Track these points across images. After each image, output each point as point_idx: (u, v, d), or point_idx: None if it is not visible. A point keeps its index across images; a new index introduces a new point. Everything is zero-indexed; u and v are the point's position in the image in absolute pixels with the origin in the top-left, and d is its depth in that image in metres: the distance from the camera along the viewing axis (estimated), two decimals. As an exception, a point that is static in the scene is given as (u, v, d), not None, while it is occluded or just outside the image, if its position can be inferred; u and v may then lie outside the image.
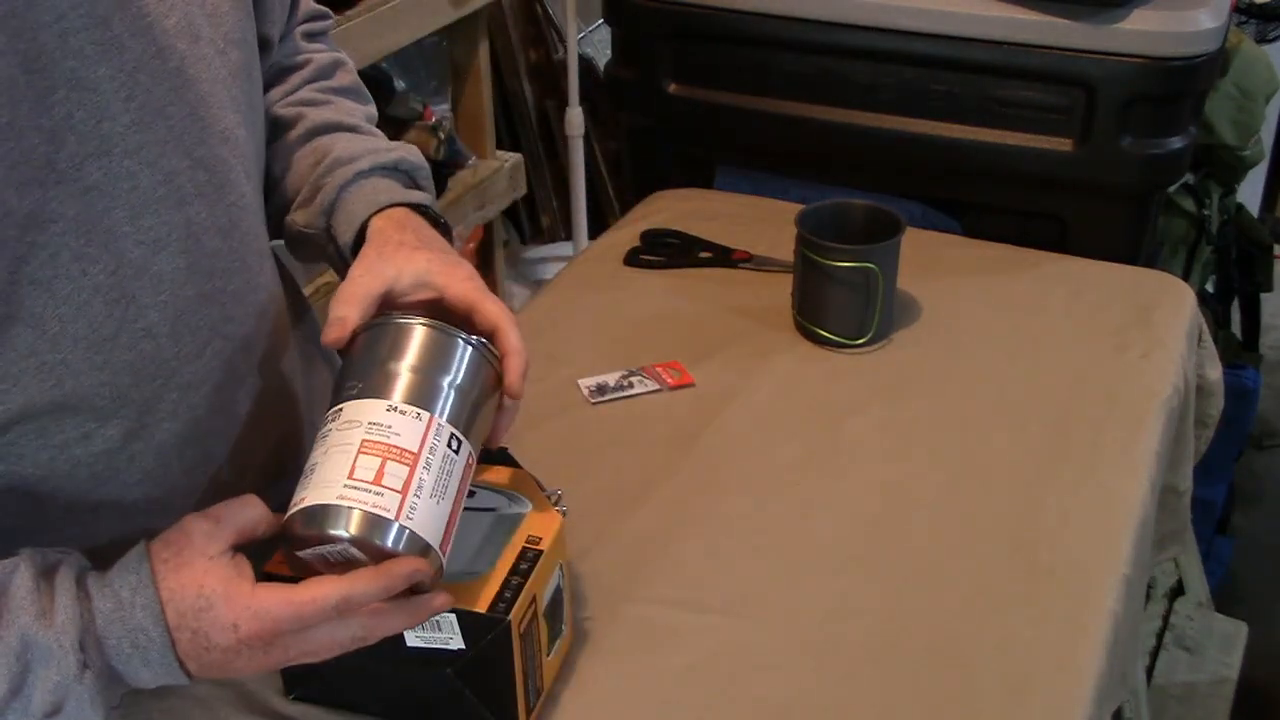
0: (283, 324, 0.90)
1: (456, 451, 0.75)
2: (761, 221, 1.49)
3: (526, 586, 0.81)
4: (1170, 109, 1.47)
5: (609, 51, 1.76)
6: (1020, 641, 0.93)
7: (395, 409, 0.73)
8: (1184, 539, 1.39)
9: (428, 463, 0.73)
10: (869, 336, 1.26)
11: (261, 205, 0.87)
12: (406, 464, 0.72)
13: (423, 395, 0.75)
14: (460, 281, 0.82)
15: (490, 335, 0.81)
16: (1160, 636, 1.83)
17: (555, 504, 0.88)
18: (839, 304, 1.26)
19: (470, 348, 0.78)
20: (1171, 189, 1.78)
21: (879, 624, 0.95)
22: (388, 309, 0.81)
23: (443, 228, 0.90)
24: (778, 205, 1.54)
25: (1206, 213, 1.89)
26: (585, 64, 2.46)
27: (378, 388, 0.74)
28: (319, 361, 1.00)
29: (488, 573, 0.81)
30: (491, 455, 0.90)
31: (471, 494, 0.91)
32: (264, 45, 0.90)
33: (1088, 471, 1.10)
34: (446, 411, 0.75)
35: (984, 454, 1.13)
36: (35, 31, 0.67)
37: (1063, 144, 1.48)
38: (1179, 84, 1.45)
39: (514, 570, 0.82)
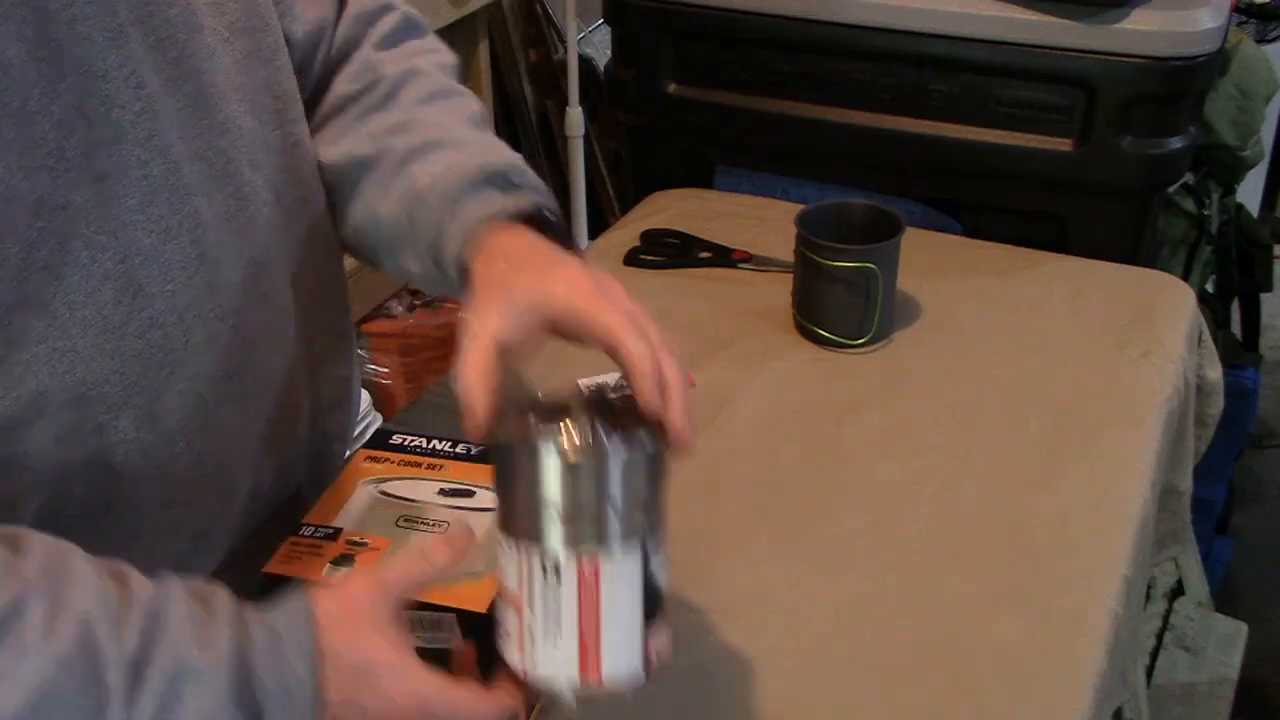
0: (290, 317, 0.89)
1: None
2: (761, 221, 1.49)
3: None
4: (1170, 109, 1.47)
5: (609, 51, 1.76)
6: (1020, 641, 0.93)
7: (603, 570, 0.69)
8: (1184, 539, 1.39)
9: (622, 612, 0.70)
10: (869, 336, 1.26)
11: (277, 197, 0.85)
12: (618, 629, 0.70)
13: (626, 537, 0.69)
14: (561, 296, 0.74)
15: (610, 352, 0.73)
16: (1160, 636, 1.82)
17: None
18: (839, 304, 1.26)
19: (652, 458, 0.71)
20: (1171, 189, 1.78)
21: (879, 624, 0.95)
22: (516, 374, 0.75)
23: (553, 225, 0.82)
24: (778, 205, 1.54)
25: (1206, 213, 1.89)
26: (585, 64, 2.46)
27: (585, 534, 0.68)
28: (339, 356, 0.99)
29: (487, 573, 0.80)
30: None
31: (471, 494, 0.91)
32: (285, 39, 0.88)
33: (1088, 471, 1.10)
34: (648, 549, 0.71)
35: (984, 454, 1.13)
36: (44, 18, 0.67)
37: (1063, 144, 1.48)
38: (1179, 84, 1.45)
39: None
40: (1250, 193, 2.26)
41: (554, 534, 0.68)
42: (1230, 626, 1.86)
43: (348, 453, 1.05)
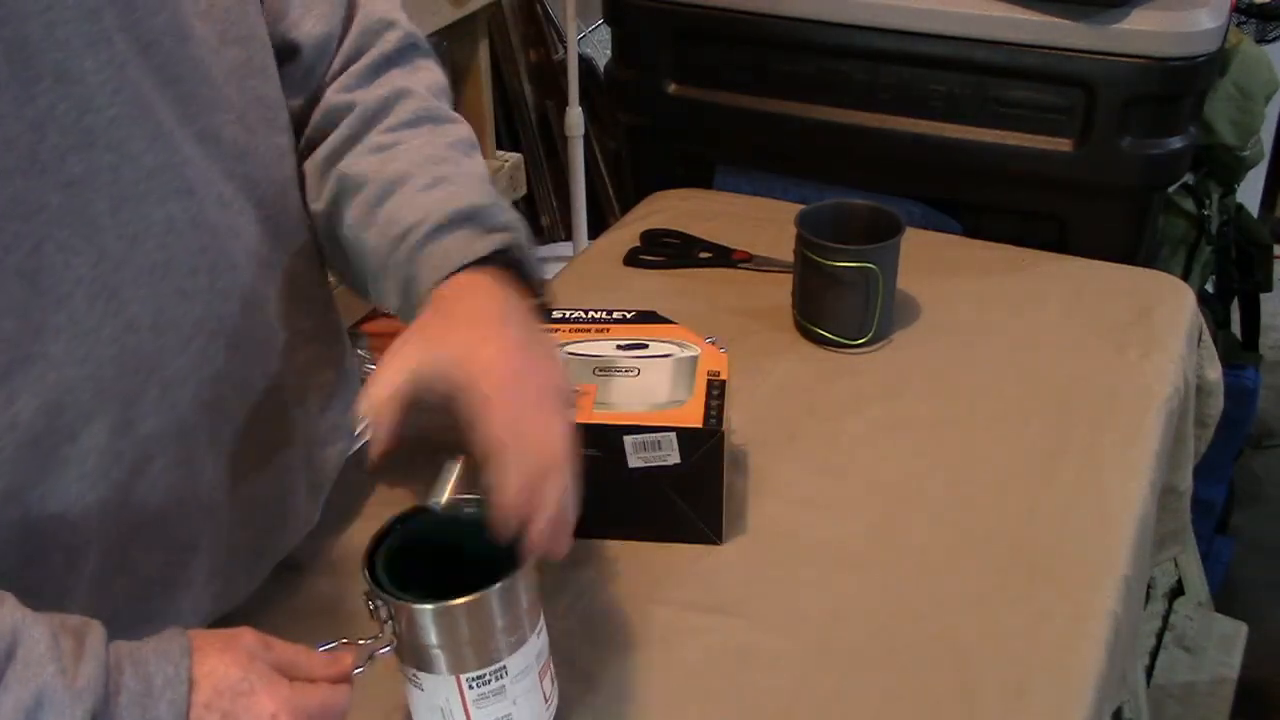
0: (270, 324, 0.88)
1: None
2: (761, 221, 1.49)
3: (724, 408, 0.97)
4: (1170, 109, 1.47)
5: (609, 51, 1.76)
6: (1020, 641, 0.93)
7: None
8: (1184, 539, 1.39)
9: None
10: (869, 336, 1.26)
11: (256, 204, 0.85)
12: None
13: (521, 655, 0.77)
14: (473, 382, 0.76)
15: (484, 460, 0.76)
16: (1160, 636, 1.83)
17: (719, 346, 1.05)
18: (839, 304, 1.26)
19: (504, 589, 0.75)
20: (1171, 189, 1.78)
21: (879, 624, 0.95)
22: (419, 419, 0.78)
23: (522, 265, 0.86)
24: (778, 205, 1.54)
25: (1206, 213, 1.89)
26: (585, 64, 2.46)
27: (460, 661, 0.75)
28: (327, 359, 0.99)
29: (688, 400, 0.97)
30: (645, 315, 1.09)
31: (645, 345, 1.05)
32: (290, 50, 0.89)
33: (1088, 471, 1.10)
34: (534, 649, 0.78)
35: (984, 454, 1.13)
36: (22, 20, 0.67)
37: (1063, 144, 1.48)
38: (1179, 84, 1.45)
39: (709, 395, 0.98)
40: (1250, 193, 2.27)
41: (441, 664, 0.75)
42: (1230, 626, 1.87)
43: (349, 454, 1.04)
